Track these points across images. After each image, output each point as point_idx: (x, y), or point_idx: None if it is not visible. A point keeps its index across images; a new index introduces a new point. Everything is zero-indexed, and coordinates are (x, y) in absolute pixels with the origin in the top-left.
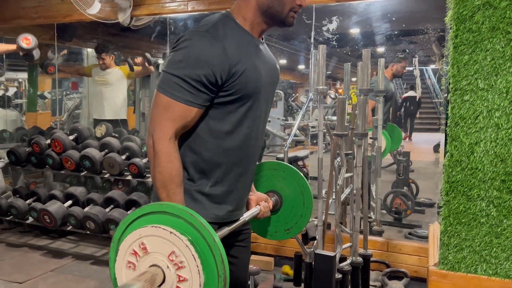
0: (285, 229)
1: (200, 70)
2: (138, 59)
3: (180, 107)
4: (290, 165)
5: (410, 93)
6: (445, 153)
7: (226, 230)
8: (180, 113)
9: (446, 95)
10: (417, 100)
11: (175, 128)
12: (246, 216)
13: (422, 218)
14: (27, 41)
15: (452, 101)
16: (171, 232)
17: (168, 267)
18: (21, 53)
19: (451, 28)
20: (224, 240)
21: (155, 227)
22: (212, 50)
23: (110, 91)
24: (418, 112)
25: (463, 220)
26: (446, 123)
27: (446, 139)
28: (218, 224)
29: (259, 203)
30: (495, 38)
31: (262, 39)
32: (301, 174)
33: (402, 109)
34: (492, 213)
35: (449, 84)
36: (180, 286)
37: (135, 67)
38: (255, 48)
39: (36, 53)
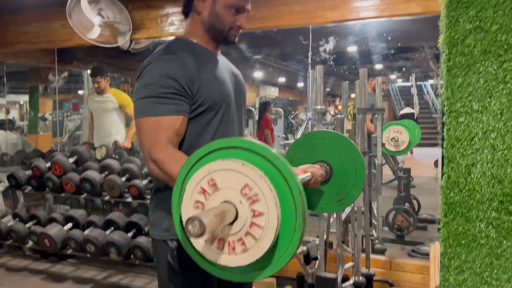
0: (337, 200)
1: (167, 83)
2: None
3: (164, 120)
4: (339, 133)
5: (407, 109)
6: (442, 174)
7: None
8: (167, 125)
9: (441, 116)
10: (415, 117)
11: (167, 136)
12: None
13: (425, 235)
14: None
15: (448, 123)
16: (243, 164)
17: (241, 202)
18: None
19: (443, 52)
20: None
21: (225, 160)
22: (172, 65)
23: (107, 118)
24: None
25: (462, 242)
26: (442, 145)
27: (443, 161)
28: None
29: (306, 171)
30: (487, 61)
31: (218, 51)
32: (351, 141)
33: None
34: (491, 235)
35: (444, 106)
36: (256, 222)
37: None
38: (212, 58)
39: None
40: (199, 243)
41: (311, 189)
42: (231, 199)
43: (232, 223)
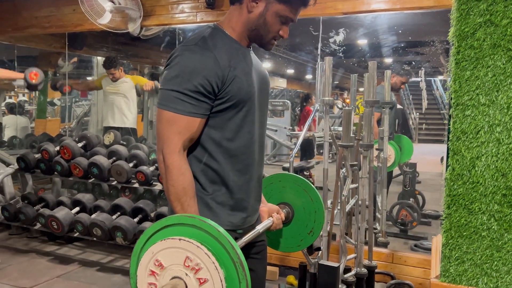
0: (308, 232)
1: (196, 81)
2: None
3: (184, 120)
4: (299, 176)
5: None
6: (447, 166)
7: (242, 242)
8: (185, 125)
9: (448, 109)
10: (401, 112)
11: (182, 140)
12: (260, 228)
13: (428, 230)
14: (35, 76)
15: (454, 116)
16: (180, 239)
17: (186, 274)
18: (25, 84)
19: (453, 45)
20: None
21: (164, 240)
22: (204, 60)
23: (122, 99)
24: (399, 124)
25: (464, 233)
26: (448, 137)
27: (448, 153)
28: (234, 231)
29: (271, 215)
30: (496, 55)
31: (250, 48)
32: (310, 183)
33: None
34: (493, 227)
35: (451, 99)
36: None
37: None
38: (244, 56)
39: (40, 86)
40: None
41: (281, 230)
42: (177, 274)
43: None
